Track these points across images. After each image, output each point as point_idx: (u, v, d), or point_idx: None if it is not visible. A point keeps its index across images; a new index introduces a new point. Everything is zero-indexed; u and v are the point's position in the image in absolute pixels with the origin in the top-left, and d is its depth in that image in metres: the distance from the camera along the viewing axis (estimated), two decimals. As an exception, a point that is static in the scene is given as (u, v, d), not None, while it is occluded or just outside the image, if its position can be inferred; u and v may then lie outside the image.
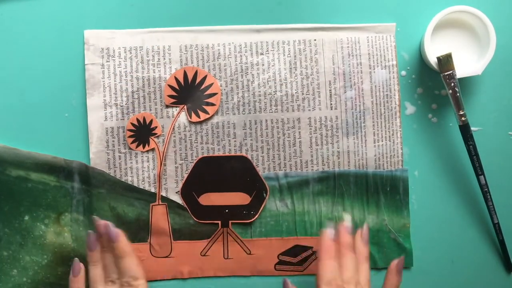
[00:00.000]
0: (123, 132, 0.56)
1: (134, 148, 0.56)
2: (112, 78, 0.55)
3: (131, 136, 0.56)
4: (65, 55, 0.55)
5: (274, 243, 0.57)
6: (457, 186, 0.58)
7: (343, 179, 0.57)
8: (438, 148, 0.58)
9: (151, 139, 0.56)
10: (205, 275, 0.57)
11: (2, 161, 0.55)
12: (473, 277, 0.58)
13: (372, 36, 0.56)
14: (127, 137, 0.55)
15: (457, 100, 0.54)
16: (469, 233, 0.58)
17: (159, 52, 0.55)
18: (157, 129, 0.56)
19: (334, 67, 0.56)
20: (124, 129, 0.56)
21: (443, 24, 0.55)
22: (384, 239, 0.57)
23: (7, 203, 0.55)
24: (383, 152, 0.57)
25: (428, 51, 0.54)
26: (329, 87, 0.56)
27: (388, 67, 0.56)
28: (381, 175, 0.57)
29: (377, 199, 0.57)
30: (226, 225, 0.57)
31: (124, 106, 0.55)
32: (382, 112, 0.57)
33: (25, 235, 0.55)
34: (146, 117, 0.56)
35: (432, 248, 0.58)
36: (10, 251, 0.55)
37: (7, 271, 0.55)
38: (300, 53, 0.56)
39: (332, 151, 0.57)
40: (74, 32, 0.55)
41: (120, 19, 0.56)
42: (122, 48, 0.55)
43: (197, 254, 0.57)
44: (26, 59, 0.55)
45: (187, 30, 0.55)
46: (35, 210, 0.55)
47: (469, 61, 0.56)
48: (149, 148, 0.56)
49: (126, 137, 0.55)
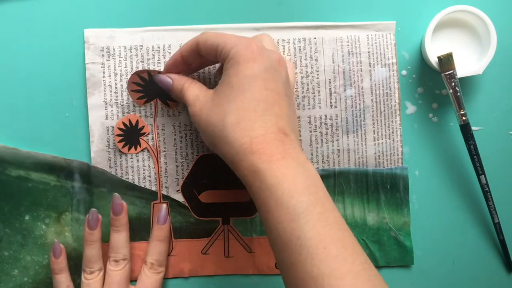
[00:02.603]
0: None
1: (126, 151, 0.56)
2: (112, 77, 0.55)
3: (121, 140, 0.55)
4: (65, 54, 0.55)
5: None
6: (458, 186, 0.58)
7: (343, 177, 0.57)
8: (439, 148, 0.58)
9: (141, 139, 0.56)
10: (206, 273, 0.57)
11: (2, 161, 0.55)
12: (473, 276, 0.58)
13: (372, 34, 0.56)
14: (116, 142, 0.55)
15: (458, 100, 0.54)
16: (470, 232, 0.58)
17: (159, 51, 0.55)
18: (144, 128, 0.56)
19: (334, 65, 0.56)
20: (125, 128, 0.56)
21: (443, 24, 0.55)
22: (385, 237, 0.57)
23: (8, 203, 0.55)
24: (383, 150, 0.57)
25: (429, 50, 0.54)
26: (329, 86, 0.56)
27: (388, 65, 0.56)
28: (381, 173, 0.57)
29: (377, 197, 0.57)
30: (227, 222, 0.57)
31: (125, 105, 0.55)
32: (382, 110, 0.57)
33: (26, 235, 0.55)
34: (131, 119, 0.55)
35: (432, 247, 0.58)
36: (11, 251, 0.55)
37: (8, 271, 0.55)
38: (300, 51, 0.56)
39: (332, 149, 0.57)
40: (74, 31, 0.55)
41: (120, 17, 0.56)
42: (122, 47, 0.55)
43: (198, 253, 0.57)
44: (26, 58, 0.55)
45: (187, 28, 0.55)
46: (35, 210, 0.55)
47: (470, 60, 0.56)
48: (141, 148, 0.56)
49: (116, 143, 0.55)
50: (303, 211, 0.40)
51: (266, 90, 0.44)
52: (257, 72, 0.44)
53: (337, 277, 0.38)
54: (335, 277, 0.38)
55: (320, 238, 0.39)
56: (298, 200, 0.40)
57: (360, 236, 0.57)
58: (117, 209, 0.53)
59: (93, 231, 0.52)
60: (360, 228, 0.57)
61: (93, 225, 0.52)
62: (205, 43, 0.48)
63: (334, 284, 0.38)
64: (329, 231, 0.40)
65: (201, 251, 0.57)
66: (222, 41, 0.46)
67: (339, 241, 0.40)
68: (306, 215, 0.40)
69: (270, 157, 0.42)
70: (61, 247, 0.53)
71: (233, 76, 0.45)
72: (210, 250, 0.57)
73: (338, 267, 0.38)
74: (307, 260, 0.39)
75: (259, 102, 0.44)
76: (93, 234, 0.52)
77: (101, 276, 0.53)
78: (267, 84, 0.45)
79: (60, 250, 0.53)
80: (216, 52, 0.47)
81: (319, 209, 0.40)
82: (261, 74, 0.45)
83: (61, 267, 0.53)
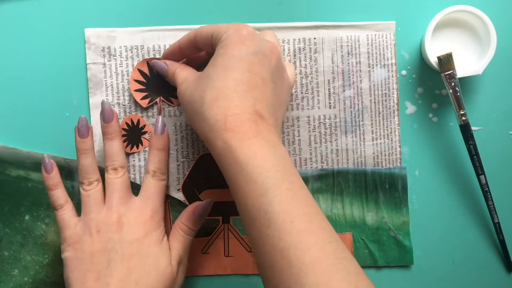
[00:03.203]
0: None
1: (129, 150, 0.56)
2: (114, 77, 0.55)
3: (124, 140, 0.56)
4: (65, 54, 0.56)
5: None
6: (458, 186, 0.58)
7: (342, 177, 0.57)
8: (439, 148, 0.58)
9: (143, 138, 0.56)
10: (206, 273, 0.57)
11: (2, 161, 0.55)
12: (473, 276, 0.58)
13: (372, 34, 0.56)
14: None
15: (458, 100, 0.54)
16: (470, 232, 0.58)
17: (160, 51, 0.55)
18: (146, 127, 0.56)
19: (333, 66, 0.56)
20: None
21: (443, 24, 0.55)
22: (384, 237, 0.57)
23: (7, 203, 0.55)
24: (381, 150, 0.57)
25: (429, 50, 0.54)
26: (328, 86, 0.56)
27: (387, 66, 0.56)
28: (380, 173, 0.57)
29: (376, 196, 0.57)
30: (227, 221, 0.57)
31: (127, 105, 0.56)
32: (380, 110, 0.57)
33: (26, 234, 0.55)
34: (133, 118, 0.56)
35: (432, 247, 0.58)
36: (11, 251, 0.55)
37: (8, 271, 0.55)
38: (300, 52, 0.56)
39: (331, 149, 0.57)
40: (75, 30, 0.55)
41: (121, 17, 0.56)
42: (123, 47, 0.55)
43: (197, 252, 0.57)
44: (26, 58, 0.55)
45: (187, 28, 0.55)
46: (35, 210, 0.55)
47: (469, 60, 0.56)
48: (144, 147, 0.56)
49: None
50: (271, 187, 0.41)
51: (249, 72, 0.45)
52: (244, 54, 0.45)
53: (303, 249, 0.39)
54: (301, 249, 0.39)
55: (287, 212, 0.40)
56: (266, 176, 0.41)
57: (360, 235, 0.57)
58: (107, 115, 0.52)
59: (84, 139, 0.51)
60: (359, 227, 0.57)
61: (84, 132, 0.51)
62: (201, 34, 0.49)
63: (300, 256, 0.39)
64: (296, 206, 0.41)
65: (201, 250, 0.57)
66: (216, 29, 0.48)
67: (306, 216, 0.41)
68: (274, 190, 0.41)
69: (242, 135, 0.43)
70: (52, 162, 0.52)
71: (219, 57, 0.46)
72: (210, 249, 0.57)
73: (304, 240, 0.39)
74: (275, 233, 0.40)
75: (240, 83, 0.45)
76: (85, 143, 0.51)
77: (101, 187, 0.51)
78: (251, 67, 0.45)
79: (51, 165, 0.51)
80: (211, 41, 0.48)
81: (287, 185, 0.41)
82: (248, 56, 0.45)
83: (55, 182, 0.51)
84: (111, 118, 0.52)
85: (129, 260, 0.48)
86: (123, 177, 0.51)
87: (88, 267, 0.48)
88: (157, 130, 0.53)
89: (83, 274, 0.48)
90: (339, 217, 0.57)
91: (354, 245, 0.57)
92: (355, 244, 0.57)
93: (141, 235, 0.49)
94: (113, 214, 0.50)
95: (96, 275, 0.48)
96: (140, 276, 0.48)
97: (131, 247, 0.49)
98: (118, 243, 0.48)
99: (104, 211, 0.50)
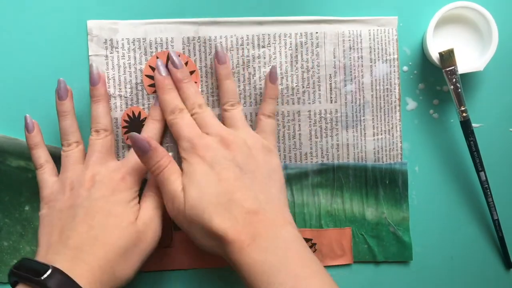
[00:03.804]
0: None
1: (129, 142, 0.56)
2: (116, 69, 0.55)
3: (126, 132, 0.55)
4: (68, 46, 0.55)
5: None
6: (458, 182, 0.58)
7: (342, 172, 0.57)
8: (439, 144, 0.58)
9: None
10: (206, 266, 0.57)
11: (2, 151, 0.55)
12: (472, 273, 0.58)
13: (374, 29, 0.56)
14: (122, 134, 0.56)
15: (459, 96, 0.54)
16: (469, 229, 0.58)
17: (162, 44, 0.55)
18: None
19: (335, 60, 0.56)
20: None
21: (445, 20, 0.55)
22: (383, 232, 0.57)
23: (7, 194, 0.55)
24: (382, 146, 0.57)
25: (430, 46, 0.54)
26: (330, 81, 0.56)
27: (389, 61, 0.56)
28: (380, 168, 0.57)
29: (376, 192, 0.57)
30: None
31: (129, 97, 0.55)
32: (382, 105, 0.57)
33: (26, 225, 0.55)
34: (134, 110, 0.56)
35: (431, 244, 0.58)
36: (10, 241, 0.55)
37: (7, 262, 0.55)
38: (301, 46, 0.56)
39: (331, 144, 0.57)
40: (78, 22, 0.55)
41: (123, 9, 0.55)
42: (125, 40, 0.55)
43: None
44: (29, 49, 0.55)
45: (189, 21, 0.55)
46: (35, 200, 0.55)
47: (471, 57, 0.56)
48: None
49: (122, 134, 0.56)
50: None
51: (220, 181, 0.48)
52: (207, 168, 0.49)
53: None
54: None
55: None
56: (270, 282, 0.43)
57: (359, 230, 0.57)
58: (94, 78, 0.53)
59: (63, 101, 0.52)
60: (359, 222, 0.57)
61: (63, 95, 0.52)
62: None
63: None
64: None
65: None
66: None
67: None
68: None
69: (241, 243, 0.45)
70: (34, 122, 0.53)
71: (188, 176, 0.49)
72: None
73: None
74: None
75: (219, 195, 0.47)
76: (64, 105, 0.52)
77: (80, 148, 0.52)
78: (219, 176, 0.48)
79: (32, 124, 0.52)
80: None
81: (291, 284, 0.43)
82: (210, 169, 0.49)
83: (36, 141, 0.52)
84: (97, 81, 0.53)
85: (92, 216, 0.48)
86: (104, 139, 0.52)
87: (56, 222, 0.49)
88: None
89: (51, 230, 0.49)
90: (338, 212, 0.57)
91: (353, 240, 0.57)
92: (355, 239, 0.57)
93: (108, 193, 0.49)
94: (88, 172, 0.50)
95: (60, 229, 0.48)
96: (100, 232, 0.47)
97: (96, 204, 0.49)
98: (86, 199, 0.49)
99: (79, 169, 0.51)
